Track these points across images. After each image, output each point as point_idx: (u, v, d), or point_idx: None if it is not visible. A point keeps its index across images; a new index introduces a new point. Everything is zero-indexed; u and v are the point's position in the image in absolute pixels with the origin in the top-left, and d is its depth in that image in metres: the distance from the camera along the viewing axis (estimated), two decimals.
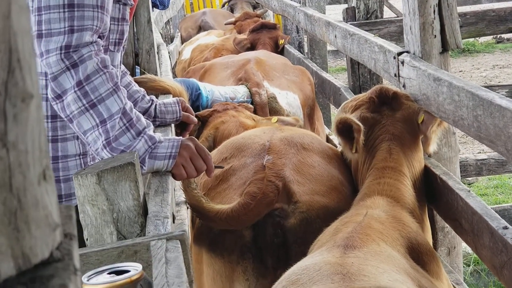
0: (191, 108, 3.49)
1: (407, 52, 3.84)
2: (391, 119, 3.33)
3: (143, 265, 1.53)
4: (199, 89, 4.83)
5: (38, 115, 0.72)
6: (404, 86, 3.77)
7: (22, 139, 0.69)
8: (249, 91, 5.01)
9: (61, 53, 2.50)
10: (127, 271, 1.47)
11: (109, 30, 2.78)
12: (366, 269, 2.18)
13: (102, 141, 2.56)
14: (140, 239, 1.63)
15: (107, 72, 2.55)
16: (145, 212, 2.28)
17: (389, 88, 3.50)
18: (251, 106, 4.80)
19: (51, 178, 0.74)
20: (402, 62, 3.77)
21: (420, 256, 2.69)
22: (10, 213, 0.68)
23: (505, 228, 2.75)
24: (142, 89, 3.34)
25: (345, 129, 3.28)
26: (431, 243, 3.28)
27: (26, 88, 0.69)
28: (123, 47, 2.99)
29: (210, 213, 3.01)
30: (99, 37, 2.65)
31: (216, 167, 2.92)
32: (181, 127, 3.48)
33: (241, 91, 4.96)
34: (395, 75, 3.90)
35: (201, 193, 3.08)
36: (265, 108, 4.95)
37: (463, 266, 4.59)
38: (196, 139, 2.80)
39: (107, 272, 1.48)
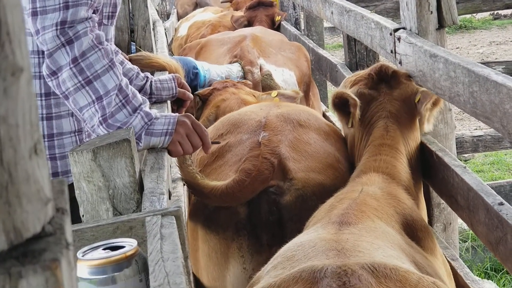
0: (187, 84, 3.48)
1: (404, 28, 3.83)
2: (388, 97, 3.33)
3: (138, 241, 1.53)
4: (197, 68, 4.81)
5: (29, 89, 0.71)
6: (400, 62, 3.76)
7: (13, 113, 0.69)
8: (243, 69, 4.99)
9: (57, 29, 2.49)
10: (122, 247, 1.47)
11: (102, 4, 2.76)
12: (361, 245, 2.19)
13: (99, 118, 2.55)
14: (135, 215, 1.63)
15: (103, 48, 2.54)
16: (141, 188, 2.28)
17: (389, 66, 3.49)
18: (249, 82, 4.78)
19: (42, 152, 0.73)
20: (399, 39, 3.76)
21: (415, 232, 2.70)
22: (1, 187, 0.68)
23: (501, 204, 2.76)
24: (136, 67, 3.33)
25: (341, 104, 3.29)
26: (426, 220, 3.29)
27: (16, 61, 0.69)
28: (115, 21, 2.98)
29: (204, 189, 3.01)
30: (93, 11, 2.63)
31: (212, 143, 2.92)
32: (177, 103, 3.47)
33: (234, 70, 4.94)
34: (392, 52, 3.90)
35: (197, 170, 3.08)
36: (258, 86, 4.94)
37: (459, 242, 4.61)
38: (192, 116, 2.79)
39: (102, 248, 1.48)
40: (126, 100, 2.59)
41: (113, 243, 1.49)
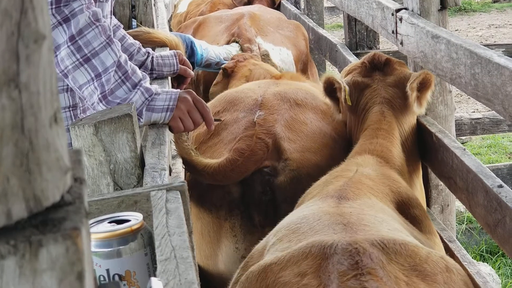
0: (188, 61, 3.47)
1: (406, 9, 3.82)
2: (382, 83, 3.34)
3: (143, 215, 1.53)
4: (194, 46, 4.78)
5: (50, 57, 0.71)
6: (401, 43, 3.75)
7: (34, 81, 0.68)
8: (241, 47, 4.97)
9: (52, 8, 2.47)
10: (128, 221, 1.47)
11: None
12: (365, 218, 2.20)
13: (98, 95, 2.54)
14: (140, 189, 1.63)
15: (100, 25, 2.52)
16: (141, 164, 2.28)
17: (382, 54, 3.51)
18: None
19: (61, 121, 0.73)
20: (400, 19, 3.75)
21: (411, 209, 2.72)
22: (22, 155, 0.68)
23: (500, 186, 2.76)
24: (137, 42, 3.31)
25: (331, 90, 3.30)
26: (424, 203, 3.31)
27: (38, 28, 0.68)
28: None
29: (198, 166, 3.01)
30: None
31: (215, 120, 2.91)
32: (178, 80, 3.46)
33: (233, 51, 4.91)
34: (393, 32, 3.89)
35: (192, 146, 3.07)
36: None
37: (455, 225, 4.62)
38: (194, 92, 2.78)
39: (108, 221, 1.48)
40: (126, 76, 2.58)
41: (118, 216, 1.49)
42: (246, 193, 3.06)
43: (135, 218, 1.47)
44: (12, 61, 0.66)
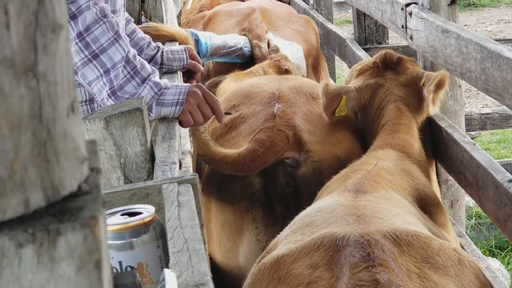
0: (198, 56, 3.47)
1: (415, 3, 3.81)
2: (395, 83, 3.34)
3: (155, 208, 1.53)
4: (197, 36, 4.76)
5: (67, 46, 0.71)
6: (411, 38, 3.75)
7: (52, 70, 0.68)
8: (250, 43, 4.96)
9: None
10: (140, 213, 1.47)
11: None
12: (379, 211, 2.20)
13: (107, 91, 2.55)
14: (151, 182, 1.63)
15: (107, 21, 2.52)
16: (152, 158, 2.28)
17: (394, 53, 3.51)
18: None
19: (78, 111, 0.73)
20: (410, 14, 3.74)
21: (428, 206, 2.71)
22: (40, 144, 0.68)
23: (511, 181, 2.76)
24: (148, 36, 3.31)
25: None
26: (439, 198, 3.30)
27: (56, 18, 0.68)
28: None
29: (216, 156, 3.01)
30: None
31: (225, 113, 2.91)
32: (188, 75, 3.46)
33: (241, 41, 4.90)
34: (402, 27, 3.88)
35: (209, 137, 3.08)
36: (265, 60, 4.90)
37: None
38: (203, 86, 2.78)
39: (120, 214, 1.48)
40: (134, 71, 2.59)
41: (131, 209, 1.49)
42: (268, 184, 3.07)
43: (147, 211, 1.48)
44: (30, 51, 0.66)
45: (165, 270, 1.15)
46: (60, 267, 0.67)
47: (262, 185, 3.06)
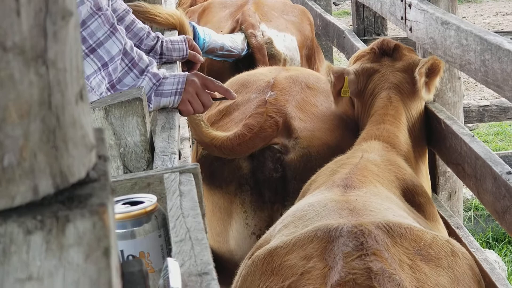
0: (197, 46, 3.47)
1: None
2: (390, 69, 3.35)
3: (156, 197, 1.53)
4: (196, 31, 4.74)
5: (76, 34, 0.71)
6: (410, 29, 3.74)
7: (61, 57, 0.68)
8: (245, 35, 4.93)
9: None
10: (142, 202, 1.47)
11: None
12: (371, 205, 2.22)
13: (106, 84, 2.55)
14: (153, 172, 1.63)
15: (102, 14, 2.51)
16: (151, 148, 2.28)
17: (391, 40, 3.53)
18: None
19: (87, 98, 0.73)
20: (410, 5, 3.74)
21: (416, 197, 2.73)
22: (49, 131, 0.68)
23: (509, 173, 2.76)
24: (147, 27, 3.30)
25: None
26: (429, 189, 3.31)
27: (65, 5, 0.68)
28: None
29: (206, 138, 3.07)
30: None
31: (220, 99, 2.92)
32: (187, 65, 3.46)
33: (239, 41, 4.87)
34: (402, 18, 3.87)
35: (203, 118, 3.12)
36: (262, 49, 4.87)
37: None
38: (201, 73, 2.78)
39: (122, 203, 1.48)
40: (132, 63, 2.59)
41: (132, 198, 1.50)
42: (257, 169, 3.11)
43: (149, 200, 1.48)
44: (40, 37, 0.66)
45: (168, 259, 1.15)
46: (69, 254, 0.67)
47: (250, 169, 3.11)
